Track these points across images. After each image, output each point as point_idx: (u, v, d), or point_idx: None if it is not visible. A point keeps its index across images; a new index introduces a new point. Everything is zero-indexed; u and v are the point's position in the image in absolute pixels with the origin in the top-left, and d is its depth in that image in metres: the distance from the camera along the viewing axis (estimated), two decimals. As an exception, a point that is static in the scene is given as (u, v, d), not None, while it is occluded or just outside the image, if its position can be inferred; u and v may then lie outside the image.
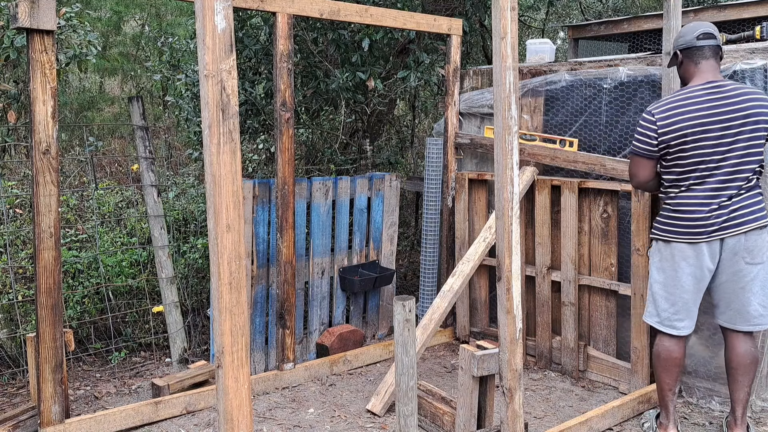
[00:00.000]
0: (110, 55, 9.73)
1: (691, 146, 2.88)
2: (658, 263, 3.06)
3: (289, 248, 3.75)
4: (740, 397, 3.04)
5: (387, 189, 4.57)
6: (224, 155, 1.84)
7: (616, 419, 3.33)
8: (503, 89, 2.53)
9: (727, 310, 3.02)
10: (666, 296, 3.03)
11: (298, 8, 3.59)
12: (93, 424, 3.16)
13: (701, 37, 2.96)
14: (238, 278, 1.87)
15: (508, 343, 2.59)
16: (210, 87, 1.81)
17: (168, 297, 4.16)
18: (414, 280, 5.80)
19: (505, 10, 2.48)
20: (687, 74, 3.03)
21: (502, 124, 2.55)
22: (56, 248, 2.96)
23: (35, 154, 2.89)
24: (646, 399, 3.47)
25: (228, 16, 1.82)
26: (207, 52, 1.80)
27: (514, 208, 2.55)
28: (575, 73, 3.99)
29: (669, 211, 3.01)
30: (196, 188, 5.25)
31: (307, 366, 3.91)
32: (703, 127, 2.86)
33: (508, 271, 2.56)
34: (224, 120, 1.83)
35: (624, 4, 8.53)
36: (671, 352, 3.04)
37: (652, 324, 3.11)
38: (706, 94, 2.90)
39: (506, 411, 2.62)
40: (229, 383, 1.87)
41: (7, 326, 4.00)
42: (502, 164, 2.55)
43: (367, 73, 4.68)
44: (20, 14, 2.74)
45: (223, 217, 1.84)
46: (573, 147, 3.94)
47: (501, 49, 2.50)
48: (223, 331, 1.86)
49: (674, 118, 2.90)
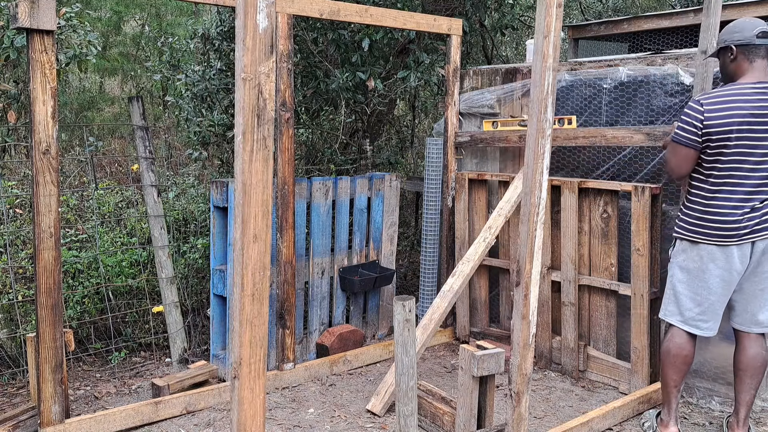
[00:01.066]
0: (110, 55, 9.73)
1: (735, 143, 2.80)
2: (682, 262, 3.01)
3: (289, 248, 3.74)
4: (746, 399, 3.02)
5: (387, 189, 4.57)
6: (257, 163, 1.74)
7: (617, 419, 3.33)
8: (541, 90, 2.39)
9: (744, 312, 2.99)
10: (691, 296, 2.98)
11: (298, 8, 3.59)
12: (93, 424, 3.16)
13: (760, 35, 2.86)
14: (261, 289, 1.80)
15: (520, 348, 2.55)
16: (247, 91, 1.70)
17: (168, 297, 4.16)
18: (414, 280, 5.80)
19: (551, 6, 2.32)
20: (738, 71, 2.92)
21: (536, 127, 2.42)
22: (56, 248, 2.96)
23: (35, 154, 2.89)
24: (646, 399, 3.47)
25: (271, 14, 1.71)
26: (246, 53, 1.69)
27: (540, 213, 2.46)
28: (575, 73, 3.99)
29: (698, 211, 2.93)
30: (196, 188, 5.25)
31: (307, 366, 3.91)
32: (748, 126, 2.79)
33: (528, 276, 2.49)
34: (259, 126, 1.73)
35: (624, 4, 8.52)
36: (683, 349, 3.02)
37: (672, 322, 3.06)
38: (757, 92, 2.82)
39: (512, 414, 2.61)
40: (245, 394, 1.83)
41: (7, 326, 4.00)
42: (532, 168, 2.44)
43: (367, 73, 4.68)
44: (20, 14, 2.74)
45: (251, 227, 1.76)
46: (572, 124, 3.93)
47: (543, 48, 2.35)
48: (243, 343, 1.80)
49: (722, 111, 2.81)
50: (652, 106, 3.69)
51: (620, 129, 3.65)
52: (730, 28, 2.98)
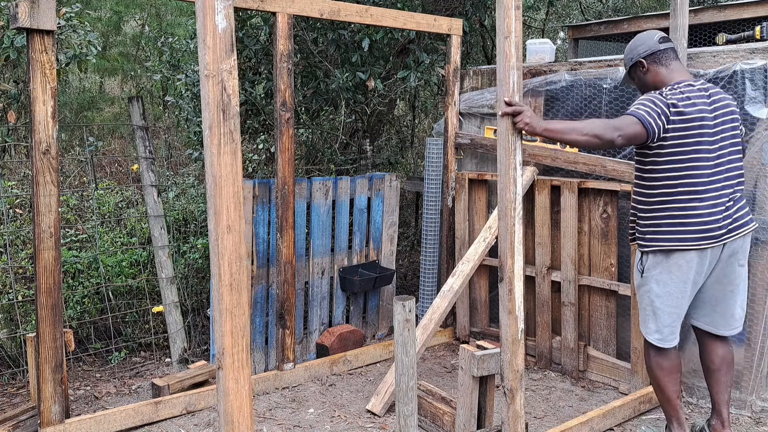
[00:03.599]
0: (110, 55, 9.73)
1: (695, 133, 2.69)
2: (658, 276, 2.82)
3: (289, 248, 3.75)
4: (725, 398, 2.93)
5: (387, 189, 4.57)
6: (225, 156, 1.82)
7: (617, 419, 3.32)
8: (507, 89, 2.50)
9: (712, 313, 2.92)
10: (670, 311, 2.83)
11: (298, 8, 3.59)
12: (93, 424, 3.16)
13: (662, 40, 2.86)
14: (239, 279, 1.86)
15: (509, 344, 2.58)
16: (210, 87, 1.79)
17: (168, 297, 4.16)
18: (414, 280, 5.80)
19: (510, 8, 2.45)
20: (657, 78, 2.85)
21: (505, 124, 2.52)
22: (56, 248, 2.96)
23: (35, 154, 2.89)
24: (647, 399, 3.46)
25: (229, 15, 1.81)
26: (207, 52, 1.79)
27: (517, 208, 2.52)
28: (575, 73, 3.99)
29: (673, 217, 2.76)
30: (196, 188, 5.25)
31: (307, 366, 3.91)
32: (702, 121, 2.71)
33: (510, 271, 2.54)
34: (225, 120, 1.82)
35: (624, 4, 8.53)
36: (674, 360, 2.91)
37: (654, 342, 2.89)
38: (697, 89, 2.76)
39: (507, 411, 2.62)
40: (229, 385, 1.86)
41: (7, 326, 4.00)
42: (505, 164, 2.51)
43: (367, 73, 4.68)
44: (20, 14, 2.74)
45: (223, 218, 1.83)
46: (574, 148, 3.94)
47: (505, 49, 2.46)
48: (224, 333, 1.85)
49: (684, 101, 2.71)
50: (652, 106, 3.68)
51: (620, 163, 3.65)
52: (629, 48, 2.94)
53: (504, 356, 2.60)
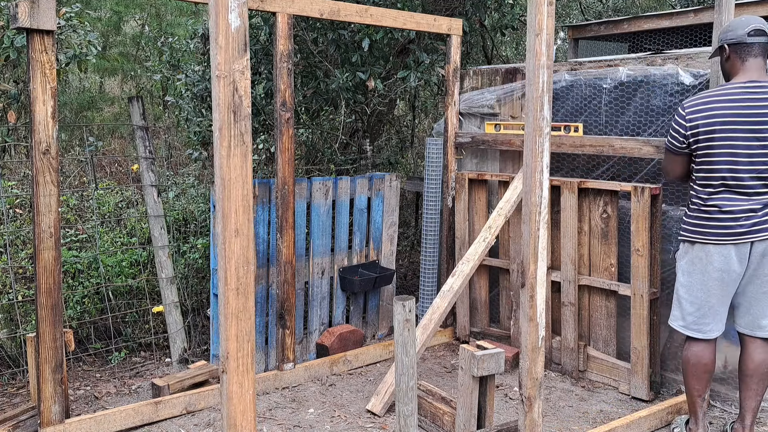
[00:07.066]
0: (110, 55, 9.73)
1: (720, 143, 2.80)
2: (684, 266, 2.99)
3: (289, 248, 3.75)
4: (752, 405, 2.97)
5: (387, 189, 4.57)
6: (234, 158, 1.78)
7: (642, 430, 3.21)
8: (536, 88, 2.41)
9: (747, 315, 2.96)
10: (691, 300, 2.96)
11: (298, 8, 3.59)
12: (93, 424, 3.16)
13: (752, 34, 2.83)
14: (246, 284, 1.82)
15: (529, 351, 2.53)
16: (222, 88, 1.75)
17: (168, 297, 4.16)
18: (414, 280, 5.80)
19: (542, 5, 2.35)
20: (732, 70, 2.92)
21: (533, 125, 2.42)
22: (56, 248, 2.96)
23: (35, 154, 2.89)
24: (675, 410, 3.35)
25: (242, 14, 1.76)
26: (219, 52, 1.74)
27: (542, 213, 2.44)
28: (575, 73, 3.99)
29: (697, 211, 2.93)
30: (196, 188, 5.25)
31: (307, 366, 3.91)
32: (733, 125, 2.78)
33: (532, 277, 2.48)
34: (236, 122, 1.77)
35: (624, 4, 8.53)
36: (700, 357, 2.95)
37: (677, 328, 3.03)
38: (743, 92, 2.80)
39: (524, 420, 2.58)
40: (233, 389, 1.84)
41: (7, 326, 4.00)
42: (531, 167, 2.43)
43: (367, 73, 4.68)
44: (20, 14, 2.74)
45: (231, 222, 1.79)
46: (578, 132, 3.94)
47: (535, 47, 2.38)
48: (229, 337, 1.81)
49: (704, 113, 2.83)
50: (652, 106, 3.69)
51: (629, 140, 3.64)
52: (725, 26, 2.98)
53: (523, 364, 2.56)
